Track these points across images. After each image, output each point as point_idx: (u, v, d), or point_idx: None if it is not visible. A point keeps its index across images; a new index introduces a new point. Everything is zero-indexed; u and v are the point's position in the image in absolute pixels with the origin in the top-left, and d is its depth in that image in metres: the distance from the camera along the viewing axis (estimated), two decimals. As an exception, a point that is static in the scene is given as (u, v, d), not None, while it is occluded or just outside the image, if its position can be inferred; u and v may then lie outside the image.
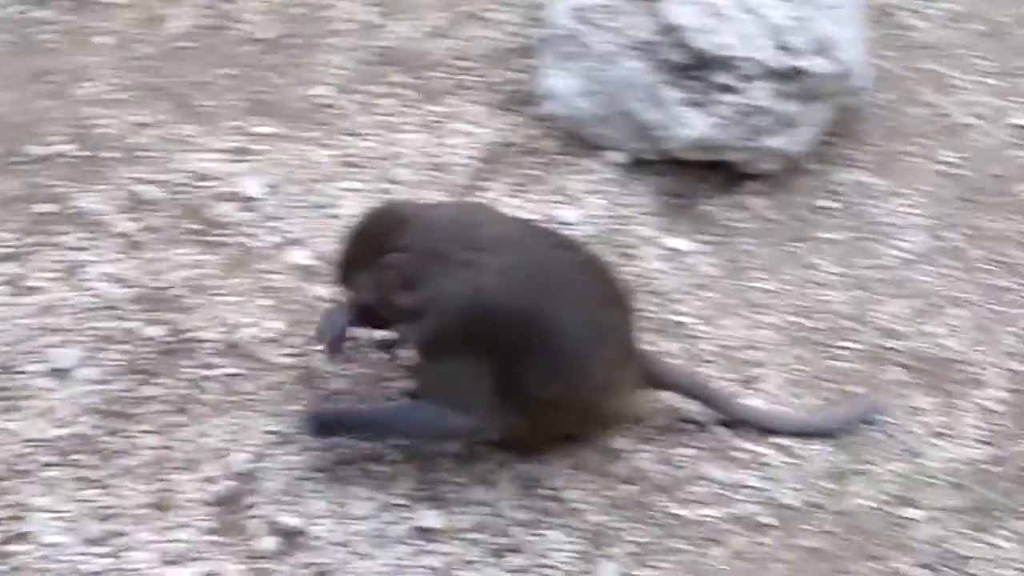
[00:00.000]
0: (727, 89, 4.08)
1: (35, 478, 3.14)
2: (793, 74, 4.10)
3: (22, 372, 3.40)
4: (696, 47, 4.08)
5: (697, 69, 4.09)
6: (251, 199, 3.93)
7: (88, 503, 3.09)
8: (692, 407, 3.41)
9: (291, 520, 3.06)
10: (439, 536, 3.07)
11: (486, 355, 3.00)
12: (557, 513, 3.14)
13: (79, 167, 4.02)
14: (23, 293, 3.61)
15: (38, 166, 4.03)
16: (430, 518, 3.09)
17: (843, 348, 3.71)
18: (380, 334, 3.40)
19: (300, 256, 3.73)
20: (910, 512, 3.28)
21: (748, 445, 3.37)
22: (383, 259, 3.03)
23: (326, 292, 3.48)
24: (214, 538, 3.03)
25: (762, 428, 3.40)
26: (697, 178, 4.17)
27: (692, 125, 4.08)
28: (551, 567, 3.04)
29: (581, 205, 4.02)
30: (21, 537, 3.02)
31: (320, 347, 3.31)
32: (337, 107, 4.37)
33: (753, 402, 3.49)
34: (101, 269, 3.68)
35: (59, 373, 3.39)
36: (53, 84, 4.40)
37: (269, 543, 3.02)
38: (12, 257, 3.72)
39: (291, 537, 3.03)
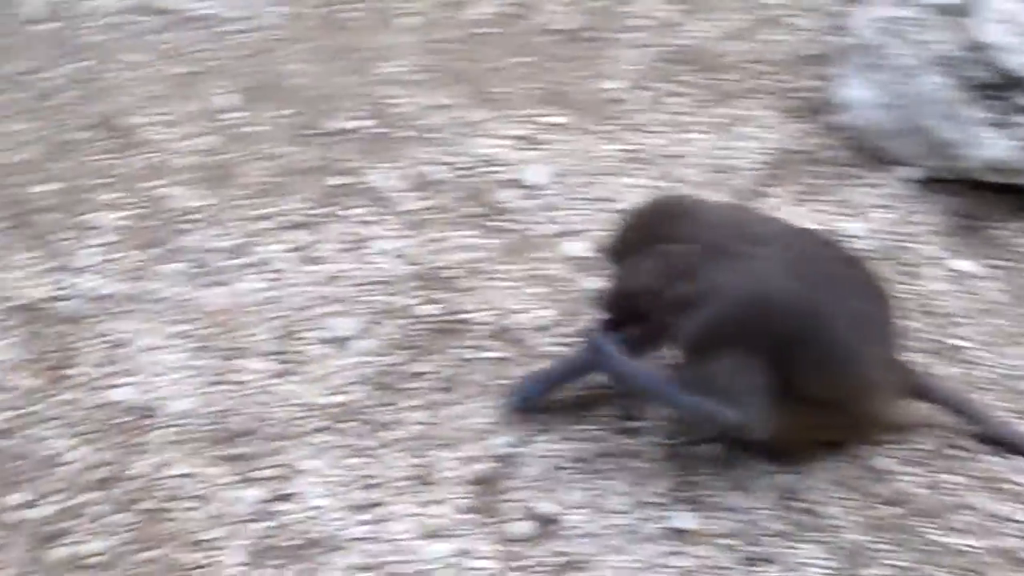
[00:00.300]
0: (1032, 112, 3.94)
1: (305, 442, 3.24)
2: (1106, 101, 3.94)
3: (302, 338, 3.52)
4: (1003, 66, 3.94)
5: (1002, 89, 3.96)
6: (534, 187, 3.97)
7: (354, 471, 3.18)
8: (965, 433, 3.30)
9: (546, 507, 3.08)
10: (692, 538, 3.04)
11: (758, 351, 2.97)
12: (814, 527, 3.08)
13: (373, 143, 4.14)
14: (310, 262, 3.74)
15: (334, 139, 4.16)
16: (685, 519, 3.07)
17: None
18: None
19: (576, 248, 3.75)
20: None
21: (1021, 478, 3.24)
22: (663, 247, 3.03)
23: (597, 285, 3.48)
24: (470, 516, 3.07)
25: None
26: (991, 201, 4.03)
27: (991, 146, 3.95)
28: (803, 582, 3.00)
29: (866, 219, 3.93)
30: (287, 497, 3.12)
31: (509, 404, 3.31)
32: (628, 102, 4.38)
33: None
34: (384, 245, 3.77)
35: (336, 342, 3.49)
36: (355, 61, 4.53)
37: (523, 527, 3.04)
38: (303, 226, 3.85)
39: (545, 524, 3.05)
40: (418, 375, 3.40)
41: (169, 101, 4.41)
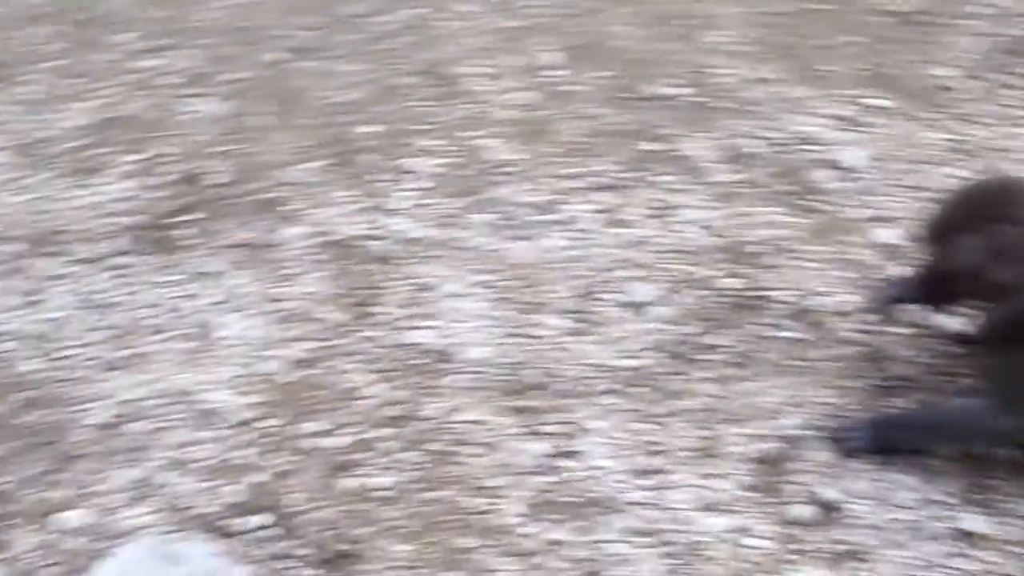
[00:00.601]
0: None
1: (594, 401, 3.26)
2: None
3: (600, 299, 3.54)
4: None
5: None
6: (850, 169, 3.90)
7: (638, 436, 3.18)
8: None
9: (831, 493, 3.03)
10: (980, 542, 2.94)
11: None
12: (1114, 547, 2.95)
13: (689, 112, 4.12)
14: (615, 224, 3.75)
15: (651, 104, 4.16)
16: (974, 522, 2.97)
17: None
18: (956, 326, 3.30)
19: (888, 235, 3.66)
20: None
21: None
22: (994, 226, 2.92)
23: (904, 272, 3.40)
24: (751, 494, 3.04)
25: None
26: None
27: None
28: (1096, 600, 2.87)
29: None
30: (571, 454, 3.14)
31: (868, 303, 3.28)
32: (958, 91, 4.26)
33: None
34: (691, 214, 3.76)
35: (634, 307, 3.50)
36: (680, 28, 4.52)
37: (804, 511, 3.00)
38: (611, 188, 3.87)
39: (827, 510, 3.00)
40: (712, 347, 3.38)
41: (494, 54, 4.49)
